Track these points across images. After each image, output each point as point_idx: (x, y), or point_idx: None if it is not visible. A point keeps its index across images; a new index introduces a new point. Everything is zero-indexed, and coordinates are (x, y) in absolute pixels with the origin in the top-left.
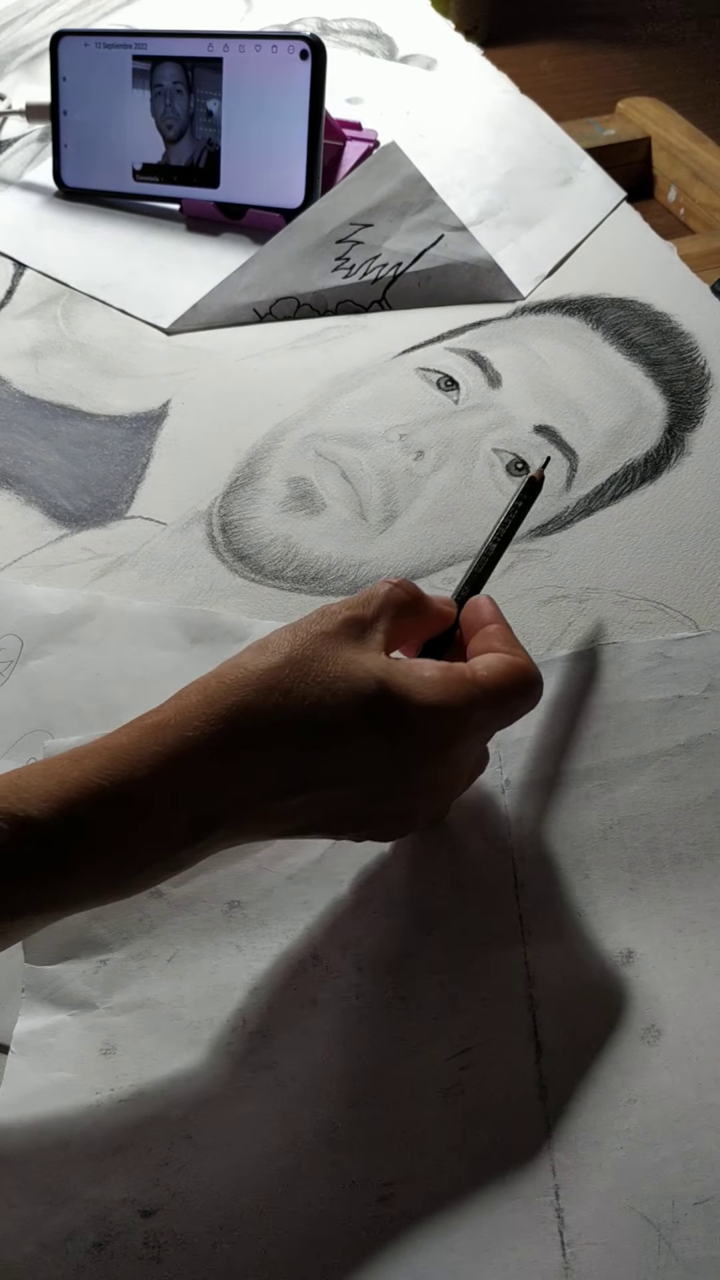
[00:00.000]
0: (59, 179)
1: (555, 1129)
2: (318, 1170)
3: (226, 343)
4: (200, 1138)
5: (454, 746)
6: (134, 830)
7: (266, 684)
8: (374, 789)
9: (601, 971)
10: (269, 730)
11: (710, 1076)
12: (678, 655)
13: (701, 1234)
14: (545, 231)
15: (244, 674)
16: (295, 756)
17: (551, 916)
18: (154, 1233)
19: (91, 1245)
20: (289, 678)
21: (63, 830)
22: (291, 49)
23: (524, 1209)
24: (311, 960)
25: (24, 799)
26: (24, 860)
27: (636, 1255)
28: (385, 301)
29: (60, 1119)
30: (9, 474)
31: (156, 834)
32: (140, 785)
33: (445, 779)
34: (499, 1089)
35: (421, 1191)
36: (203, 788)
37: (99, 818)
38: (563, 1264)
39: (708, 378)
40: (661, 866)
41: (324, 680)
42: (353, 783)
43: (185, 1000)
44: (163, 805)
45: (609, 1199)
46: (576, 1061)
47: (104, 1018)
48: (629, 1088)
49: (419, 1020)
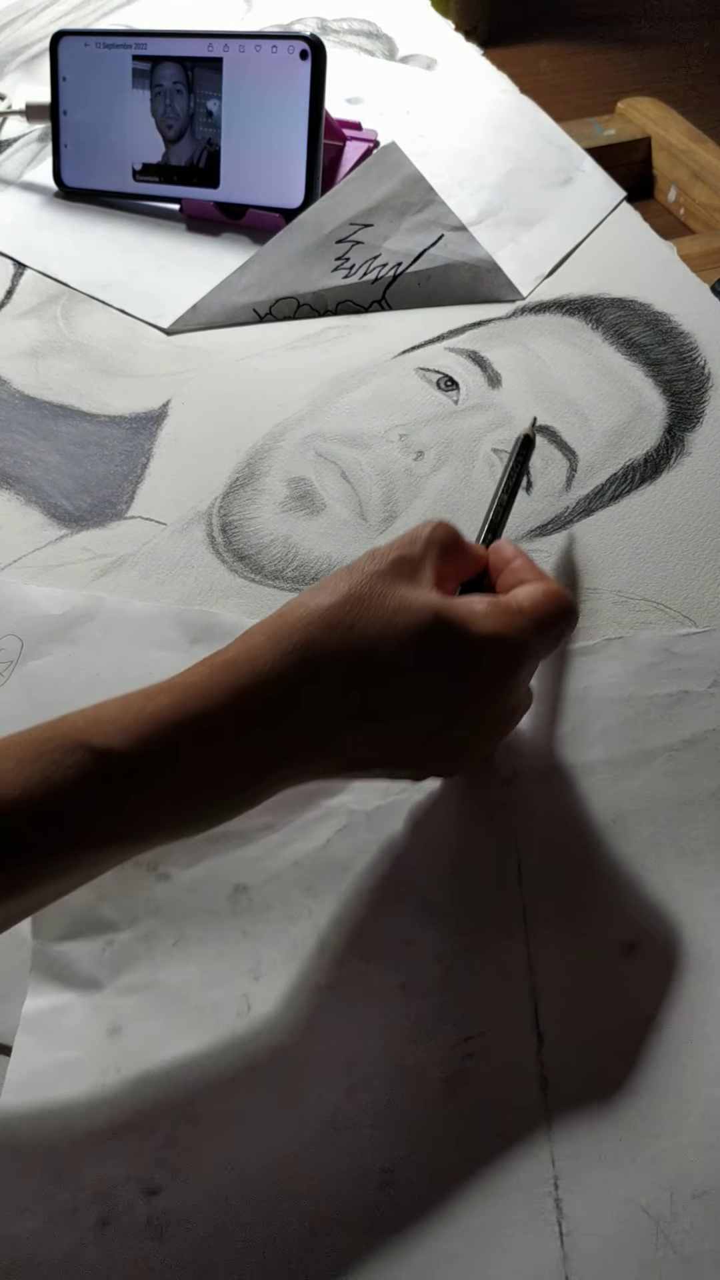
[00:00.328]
0: (59, 179)
1: (555, 1119)
2: (319, 1154)
3: (226, 343)
4: (204, 1119)
5: (512, 675)
6: (208, 763)
7: (330, 620)
8: (435, 720)
9: (603, 963)
10: (335, 664)
11: (710, 1069)
12: (684, 651)
13: (700, 1226)
14: (545, 231)
15: (308, 611)
16: (360, 689)
17: (554, 908)
18: (156, 1211)
19: (95, 1222)
20: (350, 614)
21: (141, 762)
22: (291, 49)
23: (523, 1198)
24: (316, 946)
25: (105, 732)
26: (106, 791)
27: (634, 1246)
28: (385, 301)
29: (66, 1098)
30: (9, 474)
31: (230, 768)
32: (213, 719)
33: (502, 709)
34: (500, 1078)
35: (421, 1178)
36: (273, 721)
37: (176, 750)
38: (560, 1254)
39: (708, 377)
40: (664, 860)
41: (384, 615)
42: (415, 714)
43: (191, 983)
44: (234, 738)
45: (608, 1190)
46: (577, 1052)
47: (111, 999)
48: (629, 1080)
49: (421, 1008)
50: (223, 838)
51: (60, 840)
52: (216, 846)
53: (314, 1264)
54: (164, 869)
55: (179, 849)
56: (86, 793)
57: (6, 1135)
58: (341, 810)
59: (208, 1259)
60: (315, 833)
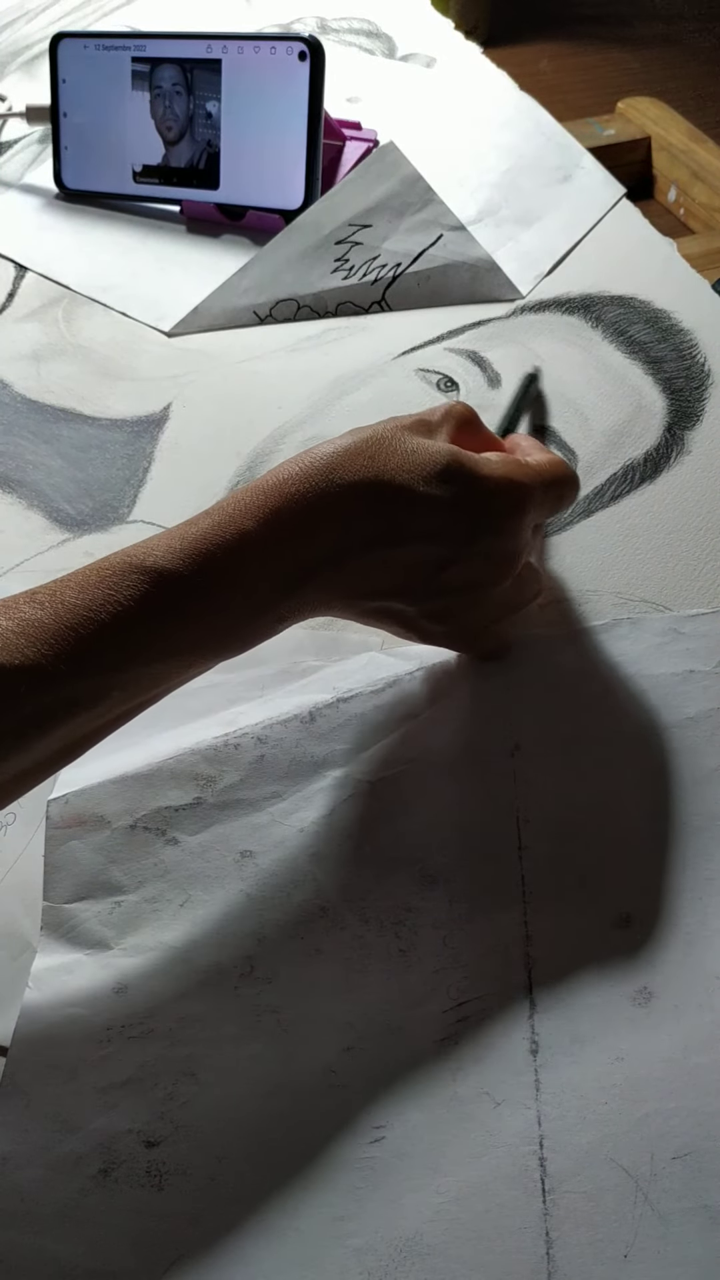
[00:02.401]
0: (59, 181)
1: (543, 1082)
2: (314, 1111)
3: (227, 345)
4: (204, 1075)
5: (514, 519)
6: (247, 575)
7: (353, 453)
8: (445, 551)
9: (598, 934)
10: (353, 489)
11: (697, 1038)
12: (691, 631)
13: (678, 1186)
14: (544, 229)
15: (335, 447)
16: (377, 511)
17: (553, 879)
18: (156, 1162)
19: (97, 1171)
20: (371, 448)
21: (191, 578)
22: (290, 50)
23: (508, 1157)
24: (319, 911)
25: (155, 556)
26: (163, 605)
27: (614, 1205)
28: (385, 302)
29: (72, 1052)
30: (11, 478)
31: (264, 580)
32: (250, 536)
33: (506, 553)
34: (492, 1042)
35: (411, 1135)
36: (301, 536)
37: (221, 567)
38: (542, 1210)
39: (708, 375)
40: (663, 835)
41: (402, 452)
42: (425, 541)
43: (196, 944)
44: (268, 552)
45: (591, 1151)
46: (568, 1019)
47: (117, 958)
48: (618, 1046)
49: (419, 973)
50: (231, 805)
51: (128, 652)
52: (225, 814)
53: (307, 1215)
54: (172, 834)
55: (188, 817)
56: (146, 608)
57: (13, 1089)
58: (347, 780)
59: (204, 1208)
60: (320, 802)
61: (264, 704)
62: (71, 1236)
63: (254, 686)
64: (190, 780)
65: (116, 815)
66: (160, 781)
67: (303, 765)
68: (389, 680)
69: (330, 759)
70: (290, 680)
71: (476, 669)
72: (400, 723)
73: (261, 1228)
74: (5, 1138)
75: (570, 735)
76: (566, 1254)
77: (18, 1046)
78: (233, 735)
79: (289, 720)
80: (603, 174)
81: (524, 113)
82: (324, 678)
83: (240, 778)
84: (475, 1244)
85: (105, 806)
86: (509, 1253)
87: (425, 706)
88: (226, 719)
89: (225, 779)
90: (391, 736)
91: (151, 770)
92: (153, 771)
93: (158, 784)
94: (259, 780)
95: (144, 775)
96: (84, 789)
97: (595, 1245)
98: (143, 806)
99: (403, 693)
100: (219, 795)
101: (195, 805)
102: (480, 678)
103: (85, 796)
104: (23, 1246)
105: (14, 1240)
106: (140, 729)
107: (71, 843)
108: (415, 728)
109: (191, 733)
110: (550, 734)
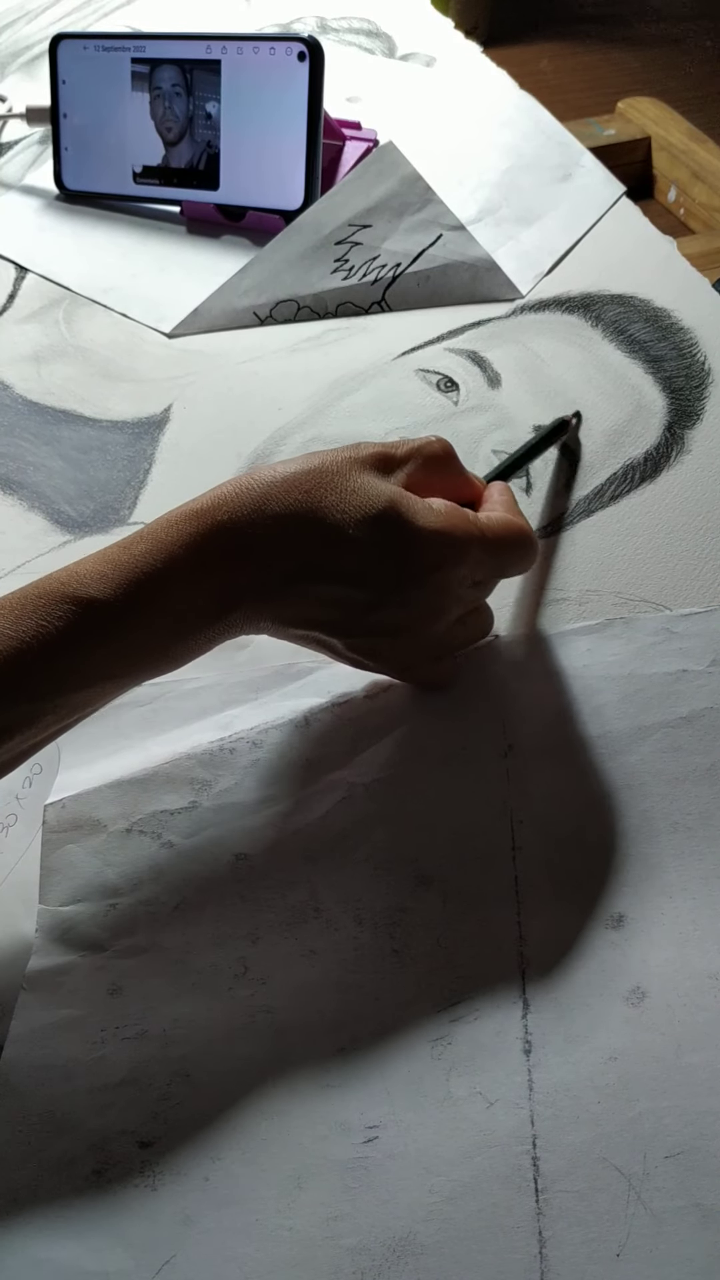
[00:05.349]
0: (59, 182)
1: (537, 1082)
2: (307, 1111)
3: (227, 346)
4: (198, 1076)
5: (445, 570)
6: (175, 602)
7: (290, 483)
8: (368, 596)
9: (592, 934)
10: (280, 521)
11: (690, 1038)
12: (684, 630)
13: (671, 1186)
14: (544, 228)
15: (273, 474)
16: (302, 546)
17: (546, 879)
18: (150, 1162)
19: (91, 1171)
20: (310, 482)
21: (120, 606)
22: (289, 50)
23: (501, 1156)
24: (313, 912)
25: (85, 583)
26: (92, 634)
27: (607, 1204)
28: (384, 303)
29: (66, 1054)
30: (12, 480)
31: (193, 606)
32: (179, 564)
33: (431, 606)
34: (485, 1042)
35: (405, 1135)
36: (228, 565)
37: (149, 594)
38: (535, 1209)
39: (708, 373)
40: (657, 834)
41: (341, 491)
42: (347, 584)
43: (190, 945)
44: (197, 580)
45: (584, 1150)
46: (562, 1019)
47: (112, 960)
48: (611, 1046)
49: (412, 973)
50: (226, 809)
51: (59, 681)
52: (219, 817)
53: (300, 1215)
54: (168, 838)
55: (183, 820)
56: (78, 637)
57: (8, 1089)
58: (341, 783)
59: (198, 1208)
60: (314, 804)
61: (259, 707)
62: (65, 1237)
63: (249, 689)
64: (186, 784)
65: (112, 819)
66: (156, 785)
67: (297, 769)
68: (382, 684)
69: (324, 762)
70: (285, 683)
71: (469, 672)
72: (394, 725)
73: (255, 1228)
74: (0, 1138)
75: (563, 736)
76: (560, 1253)
77: (12, 1047)
78: (228, 740)
79: (283, 724)
80: (602, 173)
81: (524, 112)
82: (318, 681)
83: (235, 781)
84: (468, 1243)
85: (101, 810)
86: (502, 1252)
87: (418, 709)
88: (221, 723)
89: (220, 783)
90: (385, 739)
91: (147, 775)
92: (148, 776)
93: (153, 788)
94: (253, 784)
95: (140, 779)
96: (81, 793)
97: (588, 1244)
98: (138, 810)
99: (396, 696)
100: (214, 799)
101: (190, 809)
102: (473, 680)
103: (82, 801)
104: (16, 1247)
105: (7, 1241)
106: (136, 733)
107: (68, 846)
108: (408, 730)
109: (187, 737)
110: (543, 735)
